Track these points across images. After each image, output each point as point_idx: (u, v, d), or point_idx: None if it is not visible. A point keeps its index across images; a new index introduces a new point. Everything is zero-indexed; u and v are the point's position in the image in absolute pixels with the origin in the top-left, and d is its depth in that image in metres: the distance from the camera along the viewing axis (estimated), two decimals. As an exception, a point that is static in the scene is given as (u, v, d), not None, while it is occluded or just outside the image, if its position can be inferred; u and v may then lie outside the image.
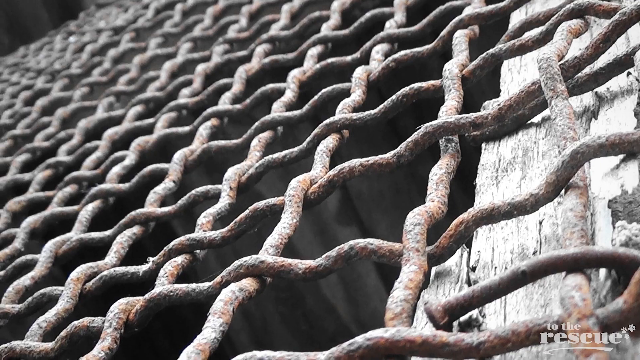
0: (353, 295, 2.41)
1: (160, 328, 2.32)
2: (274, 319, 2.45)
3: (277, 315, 2.48)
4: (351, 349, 0.51)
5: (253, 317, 2.34)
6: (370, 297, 2.40)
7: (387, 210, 2.32)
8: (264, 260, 0.65)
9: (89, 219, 1.07)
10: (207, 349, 0.58)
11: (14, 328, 1.06)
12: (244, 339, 2.32)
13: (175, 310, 2.33)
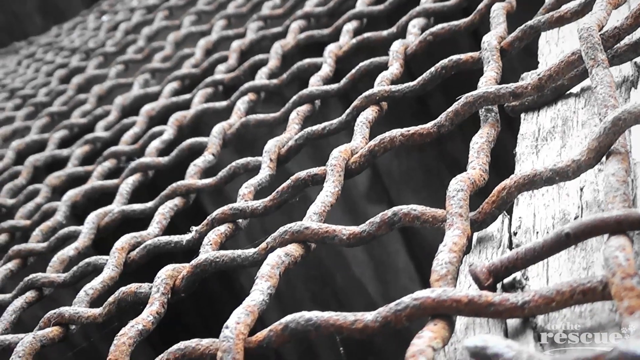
0: (382, 274, 2.42)
1: (191, 307, 2.34)
2: (304, 298, 2.47)
3: (307, 293, 2.50)
4: (398, 309, 0.52)
5: (283, 295, 2.36)
6: (400, 275, 2.41)
7: (417, 190, 2.33)
8: (308, 227, 0.67)
9: (129, 192, 1.09)
10: (255, 310, 0.59)
11: (56, 299, 1.09)
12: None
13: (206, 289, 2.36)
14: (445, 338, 0.50)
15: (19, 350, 0.76)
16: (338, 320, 0.54)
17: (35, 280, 0.93)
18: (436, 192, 2.06)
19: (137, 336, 0.67)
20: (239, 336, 0.56)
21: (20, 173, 1.43)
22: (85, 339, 1.58)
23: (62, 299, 1.08)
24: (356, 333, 0.54)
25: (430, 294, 0.51)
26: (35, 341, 0.77)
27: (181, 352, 0.59)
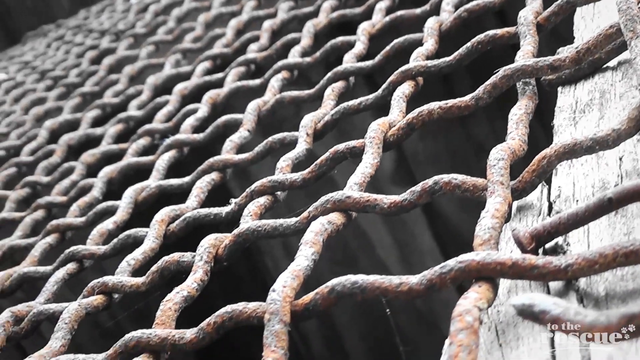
0: (407, 256, 2.43)
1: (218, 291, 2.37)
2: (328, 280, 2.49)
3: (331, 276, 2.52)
4: (443, 272, 0.53)
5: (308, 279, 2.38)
6: (424, 257, 2.42)
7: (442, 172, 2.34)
8: (350, 196, 0.68)
9: (165, 168, 1.11)
10: (301, 275, 0.61)
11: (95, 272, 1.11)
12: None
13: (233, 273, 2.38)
14: (490, 299, 0.51)
15: (64, 317, 0.77)
16: (384, 283, 0.55)
17: (76, 252, 0.95)
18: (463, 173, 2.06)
19: (182, 302, 0.69)
20: (286, 299, 0.58)
21: (55, 152, 1.46)
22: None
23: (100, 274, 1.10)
24: (401, 295, 0.55)
25: (474, 257, 0.52)
26: (81, 309, 0.78)
27: (228, 315, 0.61)
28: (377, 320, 2.33)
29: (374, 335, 2.40)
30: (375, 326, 2.35)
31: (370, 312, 2.33)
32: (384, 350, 2.36)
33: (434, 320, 2.34)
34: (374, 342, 2.41)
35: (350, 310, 2.31)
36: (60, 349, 0.74)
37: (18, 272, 1.01)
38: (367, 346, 2.41)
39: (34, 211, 1.24)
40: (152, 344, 0.63)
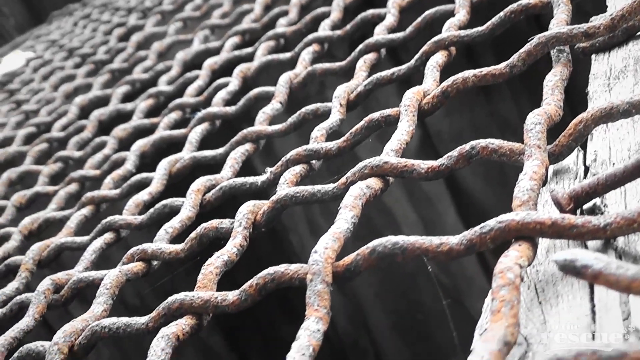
0: (431, 233, 2.43)
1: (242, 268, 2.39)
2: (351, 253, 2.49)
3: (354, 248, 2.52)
4: (483, 232, 0.54)
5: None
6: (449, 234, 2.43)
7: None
8: (387, 161, 0.69)
9: (198, 140, 1.12)
10: (341, 237, 0.62)
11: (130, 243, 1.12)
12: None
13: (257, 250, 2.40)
14: (530, 258, 0.52)
15: (106, 283, 0.79)
16: (424, 244, 0.56)
17: (113, 222, 0.96)
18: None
19: (223, 266, 0.70)
20: (328, 260, 0.59)
21: (86, 127, 1.47)
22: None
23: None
24: (442, 256, 0.56)
25: (514, 217, 0.53)
26: (121, 275, 0.80)
27: (270, 277, 0.62)
28: (400, 296, 2.34)
29: (397, 312, 2.41)
30: (399, 302, 2.36)
31: (394, 288, 2.34)
32: (407, 326, 2.37)
33: (458, 296, 2.35)
34: (397, 318, 2.42)
35: (375, 287, 2.32)
36: (102, 314, 0.76)
37: (55, 242, 1.03)
38: (390, 322, 2.42)
39: (68, 185, 1.25)
40: (195, 305, 0.65)
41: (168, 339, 0.62)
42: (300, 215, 2.22)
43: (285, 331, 2.24)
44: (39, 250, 1.03)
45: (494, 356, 0.44)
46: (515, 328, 0.47)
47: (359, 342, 2.41)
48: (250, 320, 2.20)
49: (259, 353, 2.29)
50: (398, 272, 2.36)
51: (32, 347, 0.75)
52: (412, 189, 2.21)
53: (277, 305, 2.22)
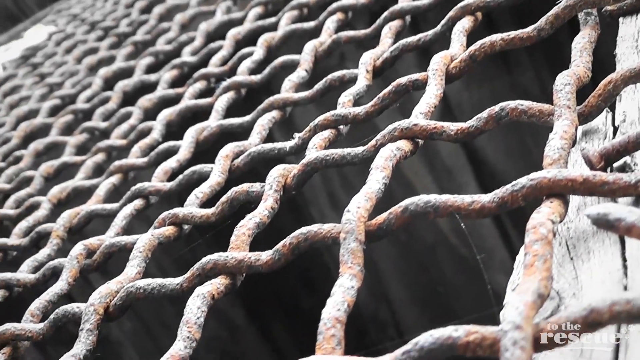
0: (452, 205, 2.44)
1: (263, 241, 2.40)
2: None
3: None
4: (515, 189, 0.55)
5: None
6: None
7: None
8: (417, 123, 0.70)
9: (224, 108, 1.13)
10: (373, 197, 0.63)
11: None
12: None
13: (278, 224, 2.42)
14: (562, 214, 0.53)
15: (139, 246, 0.80)
16: (456, 202, 0.57)
17: (143, 189, 0.98)
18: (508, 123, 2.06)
19: (255, 228, 0.71)
20: (360, 219, 0.60)
21: (110, 98, 1.48)
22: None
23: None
24: (473, 213, 0.57)
25: (546, 174, 0.54)
26: (154, 238, 0.81)
27: (304, 236, 0.63)
28: (420, 268, 2.35)
29: (417, 284, 2.42)
30: (419, 275, 2.37)
31: (414, 261, 2.34)
32: (427, 298, 2.38)
33: (479, 269, 2.35)
34: (417, 291, 2.43)
35: (395, 259, 2.33)
36: (136, 276, 0.77)
37: (85, 210, 1.04)
38: (410, 295, 2.43)
39: (95, 155, 1.27)
40: (229, 266, 0.66)
41: (204, 297, 0.63)
42: (320, 188, 2.23)
43: (306, 303, 2.25)
44: (69, 217, 1.05)
45: (528, 307, 0.44)
46: (549, 281, 0.48)
47: (379, 315, 2.43)
48: (271, 293, 2.22)
49: (280, 325, 2.31)
50: (418, 244, 2.37)
51: (68, 308, 0.77)
52: (433, 161, 2.21)
53: (297, 278, 2.24)
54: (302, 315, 2.25)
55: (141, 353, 2.14)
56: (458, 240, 2.36)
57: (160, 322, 2.17)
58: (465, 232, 2.46)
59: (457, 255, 2.32)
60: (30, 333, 0.79)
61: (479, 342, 0.45)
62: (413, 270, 2.36)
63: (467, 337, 0.45)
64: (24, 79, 2.03)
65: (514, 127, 2.02)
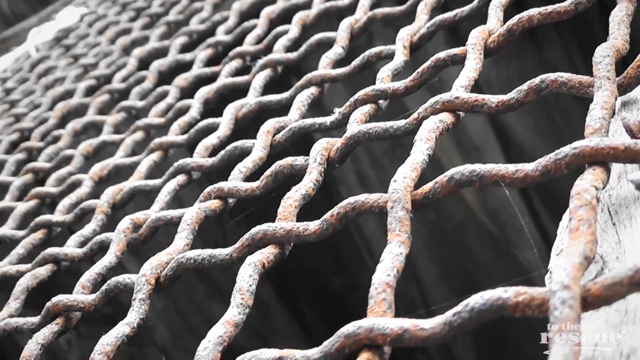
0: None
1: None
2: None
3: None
4: (558, 158, 0.57)
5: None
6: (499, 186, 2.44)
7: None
8: (458, 96, 0.72)
9: (262, 86, 1.15)
10: (418, 167, 0.65)
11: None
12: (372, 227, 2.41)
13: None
14: (604, 181, 0.55)
15: (187, 219, 0.83)
16: (500, 171, 0.59)
17: (185, 165, 1.00)
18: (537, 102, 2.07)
19: (301, 199, 0.73)
20: (407, 188, 0.62)
21: (146, 78, 1.51)
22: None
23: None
24: (517, 182, 0.59)
25: (588, 143, 0.56)
26: (200, 211, 0.84)
27: (351, 206, 0.65)
28: (449, 246, 2.36)
29: (446, 262, 2.44)
30: (448, 252, 2.39)
31: (442, 238, 2.36)
32: (456, 276, 2.40)
33: (506, 246, 2.36)
34: (446, 268, 2.44)
35: (423, 237, 2.35)
36: (185, 248, 0.80)
37: (128, 186, 1.07)
38: (439, 272, 2.45)
39: (133, 133, 1.29)
40: (278, 235, 0.68)
41: (255, 266, 0.66)
42: (349, 167, 2.25)
43: (335, 282, 2.28)
44: (112, 193, 1.07)
45: (575, 268, 0.46)
46: (594, 245, 0.50)
47: (408, 293, 2.45)
48: (300, 271, 2.25)
49: (308, 303, 2.34)
50: (446, 222, 2.38)
51: (120, 279, 0.79)
52: (462, 140, 2.22)
53: (325, 257, 2.26)
54: (331, 294, 2.27)
55: (172, 332, 2.18)
56: (486, 217, 2.38)
57: (191, 302, 2.20)
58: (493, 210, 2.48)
59: (485, 233, 2.33)
60: (83, 304, 0.82)
61: (528, 302, 0.47)
62: (441, 248, 2.37)
63: (516, 298, 0.47)
64: (57, 60, 2.06)
65: (542, 105, 2.03)
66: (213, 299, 2.20)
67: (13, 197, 1.36)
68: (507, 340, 2.27)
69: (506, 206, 2.39)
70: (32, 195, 1.27)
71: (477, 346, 2.41)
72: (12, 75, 2.22)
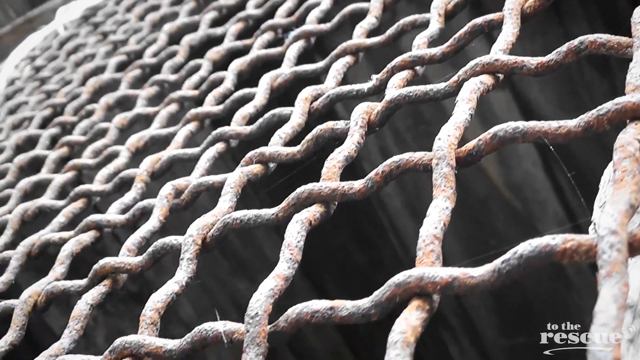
0: (504, 158, 2.47)
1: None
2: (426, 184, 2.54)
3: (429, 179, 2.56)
4: (600, 113, 0.59)
5: (405, 181, 2.43)
6: (522, 159, 2.45)
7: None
8: (498, 58, 0.73)
9: (296, 57, 1.17)
10: (461, 126, 0.67)
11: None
12: (397, 204, 2.42)
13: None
14: (647, 135, 0.56)
15: (230, 182, 0.85)
16: (543, 127, 0.61)
17: (224, 132, 1.02)
18: (561, 76, 2.08)
19: (344, 161, 0.75)
20: (451, 146, 0.64)
21: (177, 52, 1.53)
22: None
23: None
24: (560, 138, 0.61)
25: (630, 99, 0.57)
26: (243, 175, 0.86)
27: (395, 164, 0.67)
28: (473, 222, 2.38)
29: (470, 237, 2.45)
30: (471, 228, 2.40)
31: (466, 214, 2.37)
32: (479, 251, 2.41)
33: (531, 221, 2.38)
34: (469, 244, 2.46)
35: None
36: (229, 210, 0.82)
37: (167, 155, 1.09)
38: (462, 248, 2.46)
39: (167, 105, 1.31)
40: (323, 194, 0.70)
41: (302, 223, 0.68)
42: (373, 144, 2.27)
43: (358, 258, 2.30)
44: (151, 162, 1.09)
45: (622, 215, 0.48)
46: (638, 194, 0.51)
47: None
48: (324, 247, 2.27)
49: (332, 280, 2.36)
50: (470, 197, 2.40)
51: (166, 240, 0.82)
52: (486, 116, 2.23)
53: (350, 234, 2.28)
54: (355, 271, 2.29)
55: (197, 308, 2.21)
56: (510, 193, 2.39)
57: (215, 278, 2.23)
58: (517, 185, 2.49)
59: (509, 208, 2.34)
60: (130, 265, 0.84)
61: (575, 248, 0.48)
62: (465, 224, 2.39)
63: (564, 245, 0.49)
64: (86, 38, 2.09)
65: (567, 80, 2.04)
66: (238, 276, 2.23)
67: (49, 170, 1.39)
68: (531, 317, 2.28)
69: (530, 181, 2.40)
70: (69, 167, 1.30)
71: (502, 323, 2.43)
72: (41, 53, 2.24)
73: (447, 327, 2.45)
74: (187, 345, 0.65)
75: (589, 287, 2.12)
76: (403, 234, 2.36)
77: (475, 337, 2.47)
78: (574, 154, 2.14)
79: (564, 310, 2.26)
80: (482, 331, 2.47)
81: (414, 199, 2.43)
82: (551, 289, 2.30)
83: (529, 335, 2.34)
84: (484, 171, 2.47)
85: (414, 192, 2.43)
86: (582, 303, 2.19)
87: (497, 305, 2.43)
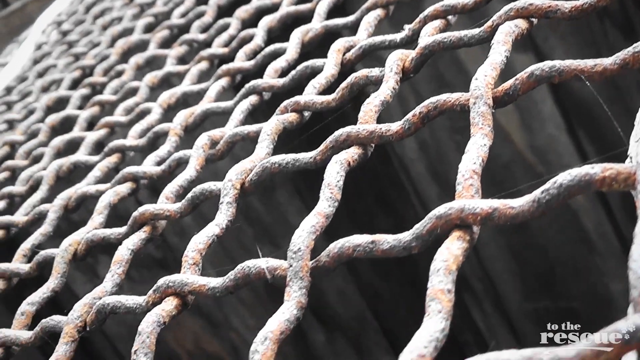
0: (528, 122, 2.47)
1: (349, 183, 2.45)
2: (449, 149, 2.54)
3: (451, 144, 2.57)
4: (636, 51, 0.60)
5: (427, 146, 2.44)
6: (546, 123, 2.45)
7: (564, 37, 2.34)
8: (532, 2, 0.74)
9: (326, 12, 1.18)
10: (497, 67, 0.68)
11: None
12: (420, 168, 2.43)
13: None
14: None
15: (266, 130, 0.86)
16: (579, 65, 0.62)
17: (257, 85, 1.03)
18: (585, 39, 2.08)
19: (380, 105, 0.77)
20: (488, 85, 0.65)
21: (206, 12, 1.54)
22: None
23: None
24: (596, 75, 0.62)
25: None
26: (279, 123, 0.87)
27: (433, 105, 0.68)
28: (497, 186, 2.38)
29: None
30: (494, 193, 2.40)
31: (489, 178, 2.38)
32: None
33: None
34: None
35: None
36: (266, 156, 0.84)
37: (200, 108, 1.11)
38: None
39: (198, 63, 1.33)
40: (361, 137, 0.72)
41: (341, 163, 0.69)
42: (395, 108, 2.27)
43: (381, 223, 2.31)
44: (185, 116, 1.11)
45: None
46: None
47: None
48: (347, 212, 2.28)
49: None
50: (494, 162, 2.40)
51: (205, 186, 0.83)
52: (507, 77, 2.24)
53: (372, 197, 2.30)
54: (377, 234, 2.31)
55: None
56: (534, 157, 2.39)
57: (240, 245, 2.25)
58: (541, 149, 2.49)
59: (533, 173, 2.35)
60: (169, 212, 0.86)
61: (614, 176, 0.50)
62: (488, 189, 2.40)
63: (603, 173, 0.50)
64: (113, 1, 2.10)
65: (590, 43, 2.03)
66: (262, 242, 2.25)
67: (81, 128, 1.41)
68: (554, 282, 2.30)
69: (554, 145, 2.41)
70: (102, 125, 1.32)
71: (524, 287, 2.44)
72: (67, 18, 2.26)
73: (470, 291, 2.46)
74: (230, 283, 0.67)
75: (612, 251, 2.13)
76: (426, 198, 2.38)
77: (498, 302, 2.48)
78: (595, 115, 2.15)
79: (586, 274, 2.27)
80: (504, 296, 2.48)
81: (437, 164, 2.44)
82: (574, 253, 2.30)
83: (551, 299, 2.35)
84: (508, 136, 2.47)
85: (436, 157, 2.44)
86: (605, 267, 2.20)
87: (520, 270, 2.44)
